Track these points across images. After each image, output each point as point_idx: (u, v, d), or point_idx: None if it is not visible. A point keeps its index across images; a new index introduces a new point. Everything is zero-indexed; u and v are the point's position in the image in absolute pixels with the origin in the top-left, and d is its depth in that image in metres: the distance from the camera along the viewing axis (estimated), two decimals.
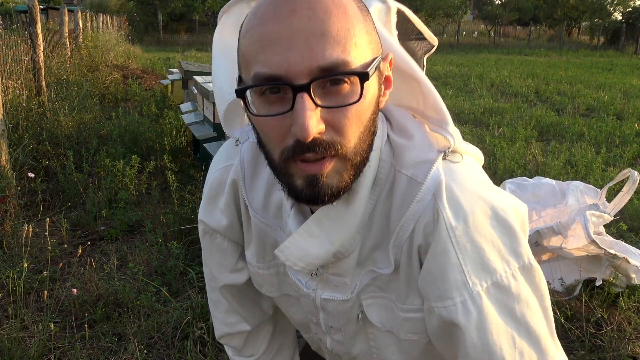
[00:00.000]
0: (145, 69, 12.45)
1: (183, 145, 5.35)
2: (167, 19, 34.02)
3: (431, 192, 0.72)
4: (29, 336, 2.42)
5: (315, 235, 0.77)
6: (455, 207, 0.71)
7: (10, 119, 4.72)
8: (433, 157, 0.74)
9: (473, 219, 0.71)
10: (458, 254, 0.71)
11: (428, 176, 0.73)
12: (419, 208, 0.73)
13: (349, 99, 0.65)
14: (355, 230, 0.77)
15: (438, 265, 0.72)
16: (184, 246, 3.17)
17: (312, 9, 0.63)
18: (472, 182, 0.74)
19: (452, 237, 0.71)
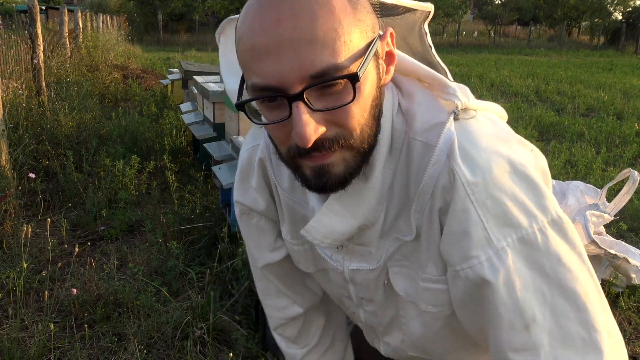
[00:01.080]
0: (145, 68, 12.44)
1: (183, 145, 5.34)
2: (167, 18, 34.00)
3: (445, 153, 0.72)
4: (28, 336, 2.42)
5: (337, 212, 0.78)
6: (471, 164, 0.71)
7: (10, 119, 4.72)
8: (443, 119, 0.74)
9: (491, 175, 0.70)
10: (478, 211, 0.70)
11: (440, 138, 0.73)
12: (435, 171, 0.73)
13: (344, 98, 0.67)
14: (376, 201, 0.78)
15: (459, 224, 0.72)
16: (184, 246, 3.17)
17: (297, 15, 0.63)
18: (487, 138, 0.73)
19: (470, 195, 0.70)
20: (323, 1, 0.64)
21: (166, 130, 5.46)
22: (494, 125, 0.76)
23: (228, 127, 3.72)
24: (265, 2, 0.65)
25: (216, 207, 3.59)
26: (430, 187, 0.74)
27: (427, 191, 0.75)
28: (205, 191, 4.01)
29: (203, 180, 4.00)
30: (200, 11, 34.03)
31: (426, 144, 0.75)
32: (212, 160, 3.68)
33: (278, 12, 0.63)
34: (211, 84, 4.15)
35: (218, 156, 3.48)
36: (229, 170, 3.11)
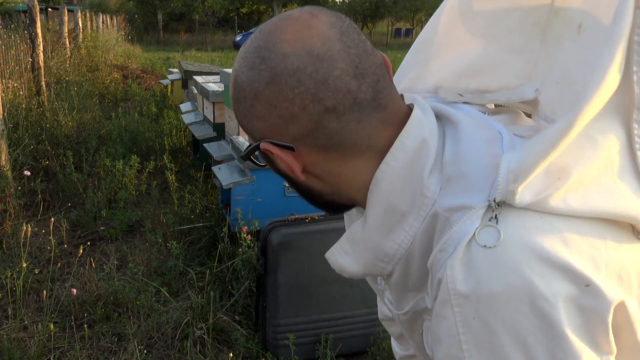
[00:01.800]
0: (145, 68, 12.44)
1: (183, 145, 5.34)
2: (167, 18, 34.01)
3: (454, 245, 0.60)
4: (28, 336, 2.42)
5: (347, 252, 0.74)
6: (469, 272, 0.58)
7: (10, 119, 4.72)
8: (474, 204, 0.60)
9: (488, 295, 0.56)
10: (459, 327, 0.59)
11: (456, 225, 0.61)
12: (441, 259, 0.62)
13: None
14: (374, 258, 0.71)
15: (437, 328, 0.63)
16: (183, 246, 3.17)
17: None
18: (517, 250, 0.57)
19: (454, 305, 0.59)
20: (234, 95, 0.68)
21: (166, 130, 5.46)
22: (548, 237, 0.57)
23: (228, 127, 3.72)
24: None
25: (216, 207, 3.59)
26: (434, 272, 0.64)
27: (434, 275, 0.64)
28: (205, 191, 4.01)
29: (203, 180, 4.00)
30: (200, 11, 34.03)
31: (447, 221, 0.63)
32: (212, 160, 3.68)
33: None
34: (211, 84, 4.15)
35: (218, 156, 3.48)
36: (229, 170, 3.11)
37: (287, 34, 0.62)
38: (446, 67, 0.81)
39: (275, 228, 2.24)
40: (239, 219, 2.85)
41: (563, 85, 0.71)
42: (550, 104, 0.74)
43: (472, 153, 0.65)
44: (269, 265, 2.24)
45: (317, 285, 2.25)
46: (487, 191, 0.61)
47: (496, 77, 0.79)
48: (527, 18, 0.76)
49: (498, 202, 0.59)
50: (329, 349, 2.25)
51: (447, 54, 0.81)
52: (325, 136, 0.64)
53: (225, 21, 36.96)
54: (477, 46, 0.79)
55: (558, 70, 0.73)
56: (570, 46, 0.71)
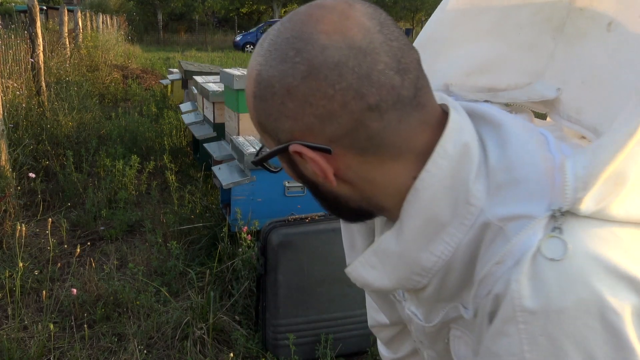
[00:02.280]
0: (145, 68, 12.44)
1: (183, 145, 5.34)
2: (167, 18, 34.02)
3: (515, 258, 0.56)
4: (28, 336, 2.42)
5: (374, 266, 0.68)
6: (537, 287, 0.55)
7: (10, 119, 4.72)
8: (535, 213, 0.57)
9: (560, 309, 0.53)
10: (524, 344, 0.55)
11: (517, 236, 0.57)
12: (497, 272, 0.58)
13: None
14: (409, 272, 0.66)
15: (496, 346, 0.59)
16: (183, 246, 3.17)
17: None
18: (584, 262, 0.54)
19: (520, 321, 0.55)
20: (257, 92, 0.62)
21: (166, 130, 5.46)
22: (612, 247, 0.55)
23: (228, 127, 3.72)
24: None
25: (216, 207, 3.59)
26: (488, 285, 0.60)
27: (486, 287, 0.60)
28: (205, 191, 4.01)
29: (203, 180, 4.00)
30: (200, 11, 34.04)
31: (502, 231, 0.59)
32: (212, 160, 3.68)
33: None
34: (211, 84, 4.15)
35: (218, 156, 3.48)
36: (229, 170, 3.11)
37: (324, 25, 0.57)
38: (453, 64, 0.78)
39: (275, 228, 2.24)
40: (239, 219, 2.85)
41: (591, 84, 0.69)
42: (575, 103, 0.71)
43: (526, 157, 0.61)
44: (269, 265, 2.24)
45: (317, 285, 2.25)
46: (547, 199, 0.57)
47: (505, 74, 0.76)
48: (537, 14, 0.74)
49: (563, 211, 0.56)
50: (329, 349, 2.25)
51: (453, 51, 0.78)
52: (366, 137, 0.59)
53: (225, 21, 36.96)
54: (485, 43, 0.76)
55: (583, 68, 0.70)
56: (598, 44, 0.69)
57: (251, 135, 3.32)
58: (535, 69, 0.75)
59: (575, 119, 0.70)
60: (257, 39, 25.01)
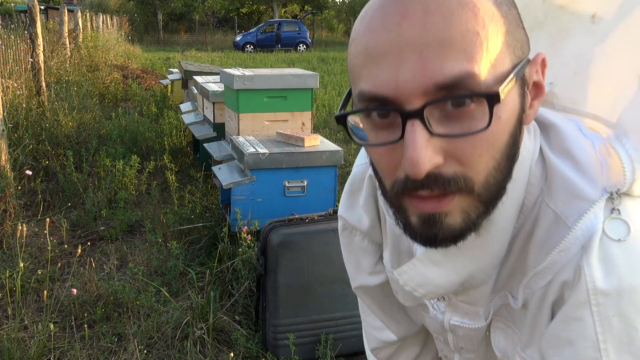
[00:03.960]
0: (145, 68, 12.44)
1: (183, 145, 5.34)
2: (167, 18, 34.03)
3: (580, 244, 0.57)
4: (28, 336, 2.42)
5: (438, 262, 0.65)
6: (608, 268, 0.56)
7: (10, 119, 4.72)
8: (593, 196, 0.58)
9: (632, 288, 0.55)
10: (597, 327, 0.56)
11: (580, 221, 0.57)
12: (561, 259, 0.59)
13: (474, 124, 0.52)
14: (488, 263, 0.65)
15: (567, 331, 0.59)
16: (184, 246, 3.17)
17: (429, 12, 0.51)
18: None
19: (593, 304, 0.56)
20: (472, 6, 0.51)
21: (166, 130, 5.46)
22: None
23: (228, 127, 3.72)
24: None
25: (216, 207, 3.59)
26: (549, 274, 0.60)
27: (545, 277, 0.61)
28: (205, 191, 4.01)
29: (203, 180, 4.00)
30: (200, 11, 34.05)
31: (559, 218, 0.59)
32: (212, 160, 3.68)
33: (405, 7, 0.51)
34: (211, 84, 4.15)
35: (218, 156, 3.49)
36: (229, 170, 3.11)
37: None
38: None
39: (275, 228, 2.24)
40: (239, 219, 2.85)
41: (582, 75, 0.70)
42: (568, 95, 0.72)
43: (574, 142, 0.62)
44: (269, 265, 2.24)
45: (317, 285, 2.26)
46: (600, 182, 0.59)
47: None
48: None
49: (620, 193, 0.57)
50: (329, 349, 2.26)
51: None
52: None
53: (225, 21, 36.95)
54: None
55: (572, 61, 0.71)
56: (583, 37, 0.70)
57: (251, 136, 3.33)
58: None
59: (571, 109, 0.71)
60: (257, 39, 25.02)
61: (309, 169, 2.96)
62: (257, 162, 2.89)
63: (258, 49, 24.24)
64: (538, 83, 0.59)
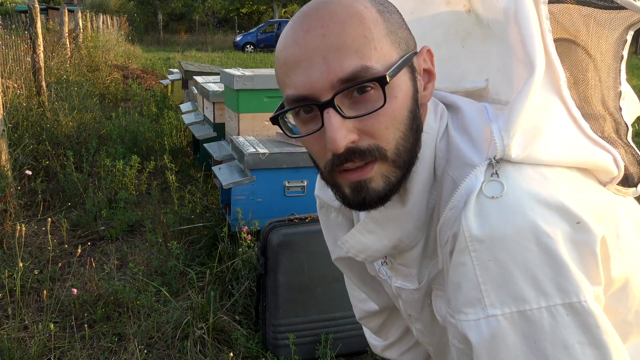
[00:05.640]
0: (145, 69, 12.44)
1: (183, 145, 5.35)
2: (167, 19, 34.04)
3: (463, 200, 0.68)
4: (29, 336, 2.42)
5: (372, 231, 0.77)
6: (482, 219, 0.65)
7: (10, 119, 4.72)
8: (476, 162, 0.69)
9: (501, 237, 0.64)
10: (476, 270, 0.65)
11: (463, 182, 0.69)
12: (452, 215, 0.69)
13: (376, 104, 0.67)
14: (412, 227, 0.76)
15: (456, 276, 0.68)
16: (184, 246, 3.17)
17: (326, 25, 0.66)
18: (518, 196, 0.65)
19: (471, 251, 0.66)
20: (353, 12, 0.66)
21: (166, 130, 5.46)
22: (541, 184, 0.67)
23: (228, 127, 3.72)
24: (297, 19, 0.69)
25: (216, 207, 3.59)
26: (448, 229, 0.70)
27: (445, 232, 0.71)
28: (205, 191, 4.01)
29: (203, 180, 4.00)
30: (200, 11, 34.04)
31: (454, 182, 0.71)
32: (212, 160, 3.68)
33: (308, 25, 0.67)
34: (211, 84, 4.15)
35: (218, 156, 3.49)
36: (229, 170, 3.11)
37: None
38: None
39: (275, 228, 2.24)
40: (239, 219, 2.85)
41: (502, 70, 0.81)
42: (494, 88, 0.85)
43: (470, 121, 0.75)
44: (269, 265, 2.24)
45: (317, 285, 2.26)
46: (485, 150, 0.70)
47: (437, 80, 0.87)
48: (448, 31, 0.88)
49: (497, 159, 0.68)
50: (329, 349, 2.26)
51: None
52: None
53: (225, 21, 36.96)
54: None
55: (495, 59, 0.84)
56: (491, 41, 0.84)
57: (251, 136, 3.33)
58: (454, 74, 0.89)
59: (497, 99, 0.84)
60: (257, 39, 25.05)
61: (309, 169, 2.96)
62: (257, 162, 2.89)
63: (258, 49, 24.25)
64: (428, 70, 0.74)
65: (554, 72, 0.72)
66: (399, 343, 1.14)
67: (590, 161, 0.72)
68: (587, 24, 0.77)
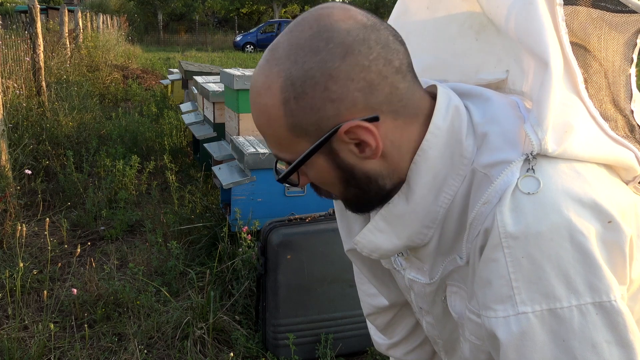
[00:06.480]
0: (145, 69, 12.45)
1: (183, 145, 5.35)
2: (167, 19, 34.04)
3: (498, 195, 0.68)
4: (29, 336, 2.42)
5: (382, 230, 0.78)
6: (517, 216, 0.65)
7: (10, 119, 4.72)
8: (512, 158, 0.69)
9: (536, 233, 0.64)
10: (509, 266, 0.65)
11: (499, 177, 0.68)
12: (486, 210, 0.69)
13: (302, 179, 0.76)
14: (420, 225, 0.77)
15: (486, 271, 0.68)
16: (184, 246, 3.17)
17: (253, 106, 0.72)
18: (553, 194, 0.66)
19: (505, 247, 0.65)
20: (262, 107, 0.70)
21: (166, 130, 5.46)
22: (576, 181, 0.67)
23: (228, 127, 3.72)
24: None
25: (216, 207, 3.59)
26: (479, 224, 0.70)
27: (476, 227, 0.71)
28: (205, 191, 4.01)
29: (203, 180, 4.00)
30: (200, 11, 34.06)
31: (486, 177, 0.70)
32: (212, 160, 3.68)
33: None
34: (211, 84, 4.15)
35: (218, 156, 3.49)
36: (229, 170, 3.11)
37: (335, 16, 0.67)
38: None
39: (275, 228, 2.24)
40: (239, 219, 2.85)
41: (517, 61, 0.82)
42: (511, 78, 0.84)
43: (503, 114, 0.73)
44: (269, 265, 2.24)
45: (317, 285, 2.26)
46: (520, 146, 0.69)
47: (450, 74, 0.88)
48: (463, 25, 0.87)
49: (534, 154, 0.67)
50: (329, 349, 2.26)
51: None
52: (398, 98, 0.69)
53: (226, 21, 36.96)
54: (430, 55, 0.90)
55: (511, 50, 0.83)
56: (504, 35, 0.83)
57: (251, 136, 3.33)
58: (470, 68, 0.88)
59: (513, 90, 0.83)
60: (257, 39, 25.04)
61: None
62: (257, 162, 2.89)
63: (258, 49, 24.25)
64: (364, 142, 0.70)
65: (572, 72, 0.72)
66: (405, 342, 1.13)
67: (617, 158, 0.71)
68: (597, 26, 0.77)
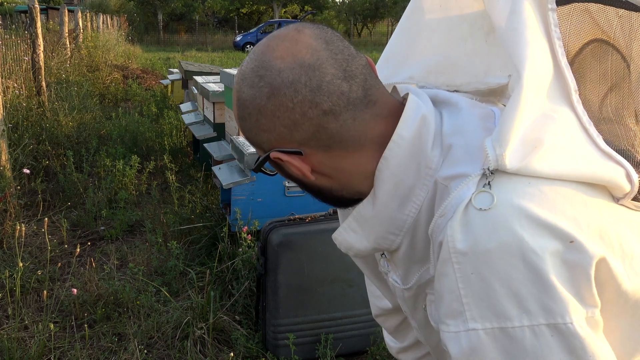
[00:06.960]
0: (145, 69, 12.44)
1: (183, 145, 5.34)
2: (167, 19, 34.04)
3: (453, 209, 0.67)
4: (29, 336, 2.42)
5: (355, 230, 0.80)
6: (467, 232, 0.64)
7: (10, 119, 4.72)
8: (470, 172, 0.68)
9: (484, 251, 0.63)
10: (459, 282, 0.65)
11: (455, 191, 0.68)
12: (441, 223, 0.68)
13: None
14: (385, 231, 0.77)
15: (439, 285, 0.68)
16: (184, 246, 3.17)
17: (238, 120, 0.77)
18: (508, 211, 0.64)
19: (454, 262, 0.65)
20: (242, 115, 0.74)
21: (166, 130, 5.46)
22: (534, 199, 0.64)
23: (228, 127, 3.72)
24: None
25: (216, 207, 3.59)
26: (437, 236, 0.70)
27: (435, 239, 0.70)
28: (205, 191, 4.01)
29: (203, 180, 4.00)
30: (200, 11, 34.06)
31: (446, 189, 0.70)
32: (212, 160, 3.68)
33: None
34: (211, 84, 4.15)
35: (218, 156, 3.49)
36: (229, 170, 3.11)
37: (278, 52, 0.69)
38: (416, 65, 0.91)
39: (275, 228, 2.24)
40: (239, 219, 2.85)
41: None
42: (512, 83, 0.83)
43: (470, 126, 0.73)
44: (269, 265, 2.24)
45: (317, 285, 2.26)
46: (481, 160, 0.68)
47: (458, 76, 0.88)
48: (474, 26, 0.87)
49: (492, 170, 0.66)
50: (329, 349, 2.26)
51: (415, 57, 0.92)
52: (327, 136, 0.71)
53: (225, 21, 36.95)
54: (439, 54, 0.90)
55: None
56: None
57: None
58: (479, 70, 0.87)
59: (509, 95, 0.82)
60: (257, 39, 25.05)
61: None
62: None
63: None
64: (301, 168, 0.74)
65: (564, 82, 0.70)
66: (415, 348, 1.12)
67: (597, 176, 0.67)
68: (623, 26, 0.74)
